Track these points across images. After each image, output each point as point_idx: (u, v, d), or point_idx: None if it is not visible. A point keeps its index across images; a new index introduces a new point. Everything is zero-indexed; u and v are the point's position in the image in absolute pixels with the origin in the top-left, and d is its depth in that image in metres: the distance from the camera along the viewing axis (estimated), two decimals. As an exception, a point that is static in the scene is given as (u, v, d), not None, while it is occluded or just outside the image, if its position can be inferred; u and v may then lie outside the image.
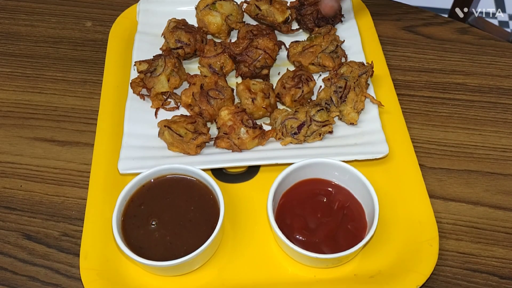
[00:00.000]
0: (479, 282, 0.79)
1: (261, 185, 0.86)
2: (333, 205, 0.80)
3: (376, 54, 1.04)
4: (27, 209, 0.87)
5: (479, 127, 0.97)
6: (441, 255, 0.81)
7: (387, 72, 1.01)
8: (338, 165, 0.81)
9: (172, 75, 0.96)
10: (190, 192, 0.81)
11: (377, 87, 0.98)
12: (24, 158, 0.94)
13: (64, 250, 0.83)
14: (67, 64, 1.09)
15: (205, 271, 0.79)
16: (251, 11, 1.07)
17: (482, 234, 0.84)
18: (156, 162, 0.86)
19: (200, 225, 0.77)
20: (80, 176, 0.91)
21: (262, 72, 0.99)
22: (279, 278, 0.78)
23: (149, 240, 0.76)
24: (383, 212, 0.80)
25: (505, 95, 1.02)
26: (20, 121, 0.99)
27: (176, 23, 1.03)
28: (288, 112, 0.92)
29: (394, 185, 0.86)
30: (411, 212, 0.83)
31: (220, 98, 0.93)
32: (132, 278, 0.78)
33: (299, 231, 0.78)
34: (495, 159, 0.93)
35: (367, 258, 0.79)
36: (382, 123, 0.92)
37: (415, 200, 0.85)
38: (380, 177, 0.87)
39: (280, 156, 0.88)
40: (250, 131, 0.88)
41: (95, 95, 1.03)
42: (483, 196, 0.88)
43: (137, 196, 0.80)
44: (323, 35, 1.01)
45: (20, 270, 0.81)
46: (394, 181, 0.87)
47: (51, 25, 1.17)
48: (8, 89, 1.05)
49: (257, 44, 0.98)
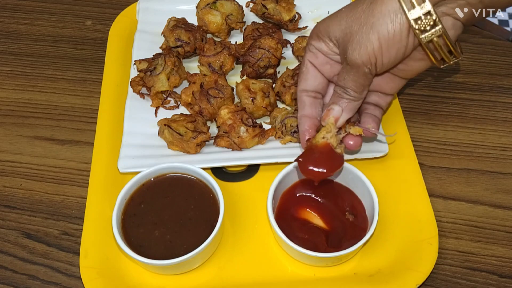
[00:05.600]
0: (479, 280, 0.79)
1: (261, 183, 0.86)
2: (333, 203, 0.80)
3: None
4: (27, 208, 0.87)
5: (479, 126, 0.97)
6: (441, 253, 0.81)
7: (387, 71, 1.01)
8: (338, 164, 0.81)
9: (172, 74, 0.96)
10: (190, 190, 0.81)
11: (377, 86, 0.98)
12: (24, 157, 0.94)
13: (64, 248, 0.83)
14: (67, 62, 1.09)
15: (205, 269, 0.79)
16: (257, 10, 1.07)
17: (481, 233, 0.84)
18: (156, 161, 0.86)
19: (200, 223, 0.78)
20: (80, 174, 0.91)
21: (267, 71, 0.99)
22: (278, 277, 0.78)
23: (149, 238, 0.76)
24: (383, 211, 0.80)
25: (505, 94, 1.02)
26: (20, 120, 0.99)
27: (176, 22, 1.03)
28: (287, 111, 0.92)
29: (393, 184, 0.86)
30: (411, 211, 0.83)
31: (220, 97, 0.93)
32: (132, 276, 0.78)
33: (299, 229, 0.78)
34: (494, 158, 0.93)
35: (367, 257, 0.79)
36: (381, 122, 0.92)
37: (414, 199, 0.85)
38: (380, 176, 0.87)
39: (280, 155, 0.88)
40: (250, 130, 0.88)
41: (95, 93, 1.03)
42: (482, 195, 0.88)
43: (137, 194, 0.80)
44: None
45: (20, 268, 0.81)
46: (393, 180, 0.87)
47: (51, 23, 1.17)
48: (8, 87, 1.05)
49: (260, 44, 0.98)
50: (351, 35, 0.70)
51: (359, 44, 0.69)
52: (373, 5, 0.68)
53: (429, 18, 0.66)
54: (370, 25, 0.68)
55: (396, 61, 0.71)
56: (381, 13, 0.67)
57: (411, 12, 0.65)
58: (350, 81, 0.73)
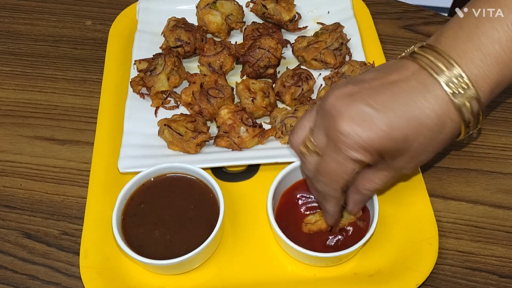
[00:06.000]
0: (479, 280, 0.79)
1: (261, 183, 0.86)
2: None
3: (376, 53, 1.04)
4: (27, 208, 0.87)
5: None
6: (441, 253, 0.81)
7: (387, 71, 1.01)
8: (338, 164, 0.81)
9: (172, 74, 0.96)
10: (190, 190, 0.81)
11: (377, 86, 0.98)
12: (24, 157, 0.94)
13: (64, 248, 0.83)
14: (67, 62, 1.09)
15: (205, 269, 0.79)
16: (257, 10, 1.07)
17: (481, 233, 0.84)
18: (156, 161, 0.86)
19: (200, 223, 0.78)
20: (80, 174, 0.91)
21: (267, 71, 0.99)
22: (278, 277, 0.78)
23: (149, 238, 0.76)
24: (382, 211, 0.80)
25: (505, 93, 1.02)
26: (19, 120, 0.99)
27: (176, 22, 1.03)
28: (287, 111, 0.92)
29: (393, 184, 0.86)
30: (411, 211, 0.83)
31: (220, 97, 0.93)
32: (132, 276, 0.78)
33: (299, 229, 0.78)
34: (494, 158, 0.93)
35: (367, 257, 0.79)
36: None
37: (414, 199, 0.85)
38: (380, 176, 0.87)
39: (280, 155, 0.88)
40: (250, 130, 0.88)
41: (95, 93, 1.03)
42: (482, 195, 0.88)
43: (137, 194, 0.80)
44: (330, 31, 1.01)
45: (20, 268, 0.81)
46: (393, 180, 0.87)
47: (51, 23, 1.17)
48: (8, 87, 1.05)
49: (260, 44, 0.98)
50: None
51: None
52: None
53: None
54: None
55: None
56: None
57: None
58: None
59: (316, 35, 1.03)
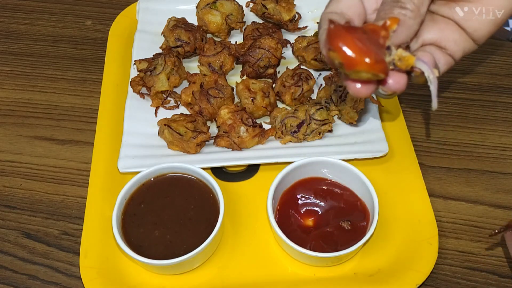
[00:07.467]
0: (479, 280, 0.79)
1: (261, 183, 0.86)
2: (333, 203, 0.80)
3: (376, 53, 1.04)
4: (27, 208, 0.87)
5: (479, 126, 0.97)
6: (441, 253, 0.81)
7: (387, 71, 1.01)
8: (338, 164, 0.81)
9: (172, 74, 0.96)
10: (190, 190, 0.81)
11: (377, 86, 0.98)
12: (24, 157, 0.94)
13: (64, 248, 0.83)
14: (67, 62, 1.09)
15: (205, 269, 0.79)
16: (257, 10, 1.07)
17: (481, 233, 0.84)
18: (156, 161, 0.86)
19: (200, 223, 0.78)
20: (80, 174, 0.91)
21: (267, 71, 0.99)
22: (279, 277, 0.78)
23: (149, 238, 0.76)
24: (383, 211, 0.80)
25: (505, 93, 1.02)
26: (20, 120, 0.99)
27: (176, 22, 1.03)
28: (287, 111, 0.92)
29: (393, 184, 0.87)
30: (411, 211, 0.83)
31: (220, 97, 0.93)
32: (132, 276, 0.78)
33: (299, 229, 0.78)
34: (494, 157, 0.93)
35: (367, 257, 0.79)
36: (382, 121, 0.92)
37: (414, 198, 0.85)
38: (380, 176, 0.87)
39: (279, 154, 0.88)
40: (250, 130, 0.88)
41: (95, 93, 1.03)
42: (482, 195, 0.88)
43: (137, 194, 0.80)
44: None
45: (20, 268, 0.81)
46: (393, 180, 0.87)
47: (51, 23, 1.17)
48: (8, 87, 1.05)
49: (260, 43, 0.98)
50: None
51: None
52: None
53: None
54: None
55: None
56: None
57: None
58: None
59: (316, 35, 1.03)
